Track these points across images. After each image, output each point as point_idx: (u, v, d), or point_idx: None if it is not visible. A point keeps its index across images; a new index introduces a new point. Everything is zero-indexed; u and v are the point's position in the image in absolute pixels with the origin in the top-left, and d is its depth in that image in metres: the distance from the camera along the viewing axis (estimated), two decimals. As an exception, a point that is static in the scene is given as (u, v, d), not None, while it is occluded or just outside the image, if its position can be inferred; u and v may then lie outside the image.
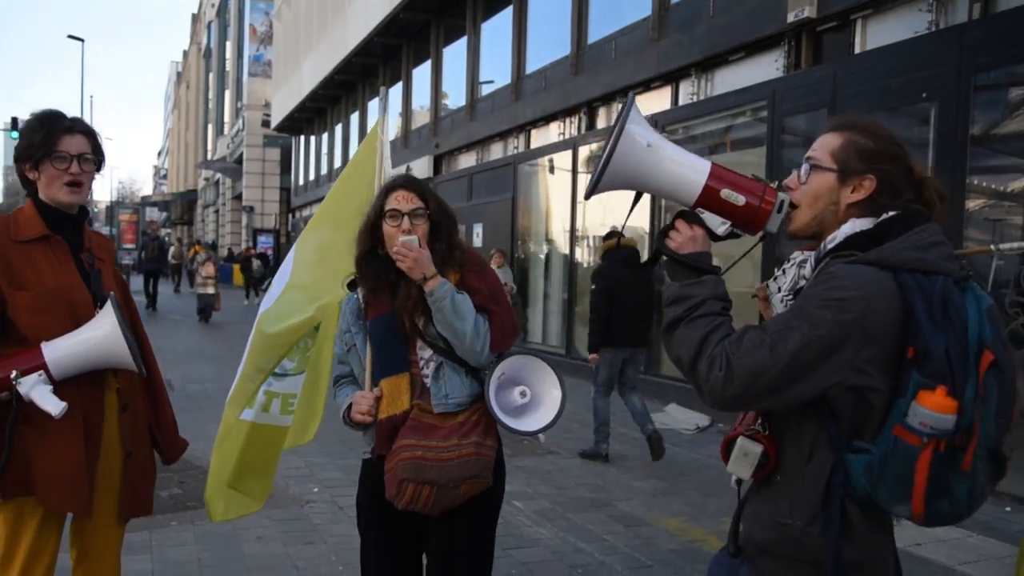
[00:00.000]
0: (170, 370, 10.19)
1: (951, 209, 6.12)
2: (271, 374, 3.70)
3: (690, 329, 1.78)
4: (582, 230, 12.62)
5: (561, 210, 13.38)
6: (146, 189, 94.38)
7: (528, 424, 2.64)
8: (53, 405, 2.37)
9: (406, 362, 2.64)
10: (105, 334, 2.48)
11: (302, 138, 35.60)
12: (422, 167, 18.92)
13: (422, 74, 20.73)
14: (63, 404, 2.37)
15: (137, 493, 2.77)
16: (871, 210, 1.84)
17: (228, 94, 51.58)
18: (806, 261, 1.91)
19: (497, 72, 16.36)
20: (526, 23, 15.21)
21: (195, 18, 69.68)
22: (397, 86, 22.36)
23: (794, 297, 1.87)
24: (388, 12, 19.22)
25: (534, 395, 2.67)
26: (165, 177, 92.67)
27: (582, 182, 12.76)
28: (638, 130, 1.81)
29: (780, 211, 1.81)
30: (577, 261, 12.86)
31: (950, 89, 6.71)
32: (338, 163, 28.50)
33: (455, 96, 18.96)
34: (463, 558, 2.71)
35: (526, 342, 13.88)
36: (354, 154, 3.84)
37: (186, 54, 76.48)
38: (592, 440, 7.39)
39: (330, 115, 30.39)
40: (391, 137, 22.24)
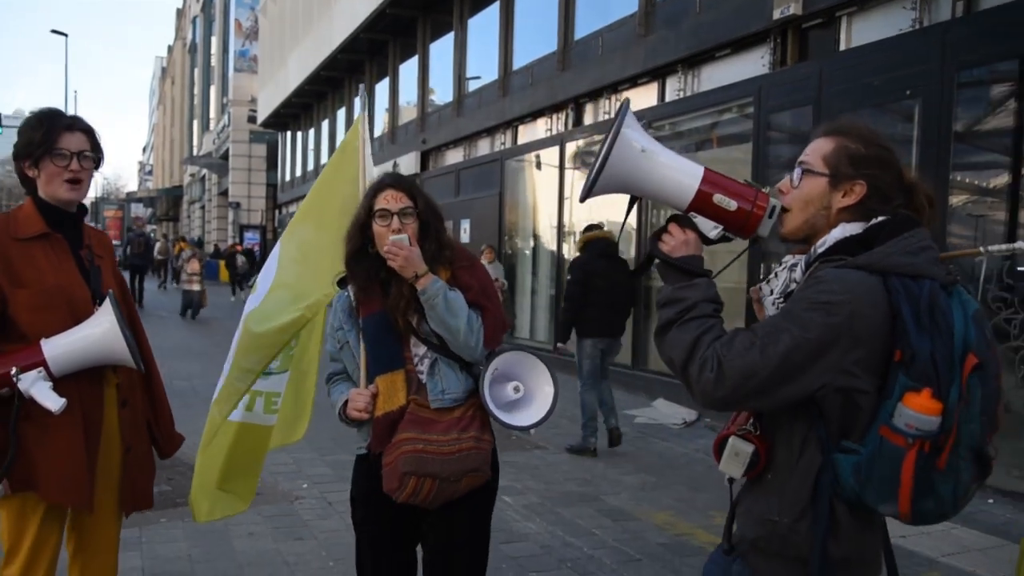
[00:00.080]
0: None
1: (936, 210, 6.11)
2: (260, 374, 3.70)
3: (682, 331, 1.81)
4: (569, 226, 12.65)
5: (548, 206, 13.41)
6: (131, 185, 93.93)
7: (521, 419, 2.67)
8: (53, 401, 2.38)
9: (400, 359, 2.65)
10: (104, 331, 2.49)
11: (288, 134, 35.49)
12: (409, 163, 18.91)
13: (409, 70, 20.70)
14: (63, 400, 2.39)
15: (137, 487, 2.80)
16: (861, 215, 1.86)
17: (214, 89, 51.34)
18: (797, 265, 1.93)
19: (484, 68, 16.36)
20: (513, 19, 15.22)
21: (180, 13, 69.28)
22: (383, 82, 22.34)
23: (785, 300, 1.89)
24: (374, 8, 19.18)
25: (527, 390, 2.70)
26: (150, 173, 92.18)
27: (569, 178, 12.79)
28: (633, 135, 1.83)
29: (771, 216, 1.84)
30: (564, 257, 12.87)
31: (934, 86, 6.77)
32: (324, 159, 28.41)
33: (442, 92, 18.95)
34: (463, 550, 2.73)
35: (513, 337, 13.90)
36: (335, 151, 3.85)
37: (171, 49, 76.03)
38: (579, 435, 7.43)
39: (316, 111, 30.30)
40: (377, 133, 22.31)
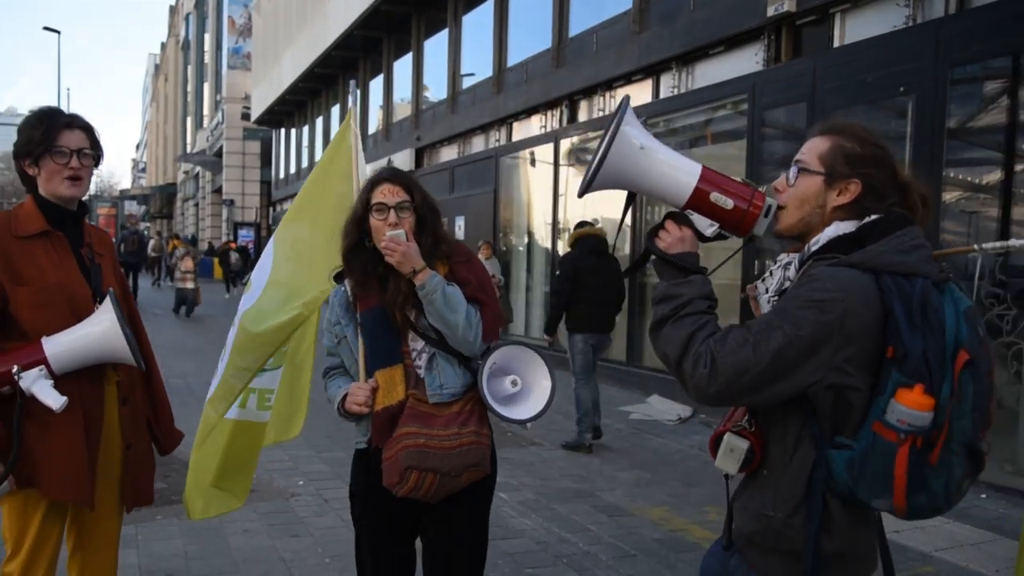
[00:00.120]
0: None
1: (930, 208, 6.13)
2: (257, 373, 3.70)
3: (677, 327, 1.82)
4: (564, 222, 12.67)
5: (543, 203, 13.42)
6: (125, 182, 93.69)
7: (519, 412, 2.68)
8: (54, 399, 2.39)
9: (399, 354, 2.66)
10: (104, 330, 2.50)
11: (282, 131, 35.44)
12: (403, 160, 18.90)
13: (403, 67, 20.68)
14: (64, 398, 2.39)
15: (138, 483, 2.81)
16: (856, 213, 1.88)
17: (207, 87, 51.22)
18: (791, 263, 1.95)
19: (478, 65, 16.36)
20: (507, 16, 15.22)
21: (172, 10, 69.04)
22: (377, 79, 22.32)
23: (779, 298, 1.91)
24: (368, 4, 19.17)
25: (525, 384, 2.71)
26: (144, 170, 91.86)
27: (564, 175, 12.80)
28: (632, 132, 1.85)
29: (767, 216, 1.86)
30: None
31: (927, 83, 6.79)
32: (319, 156, 28.27)
33: (436, 89, 18.94)
34: (463, 544, 2.74)
35: (508, 334, 13.92)
36: (327, 148, 3.86)
37: (164, 46, 75.79)
38: (575, 431, 7.45)
39: (310, 108, 30.26)
40: (372, 130, 22.27)
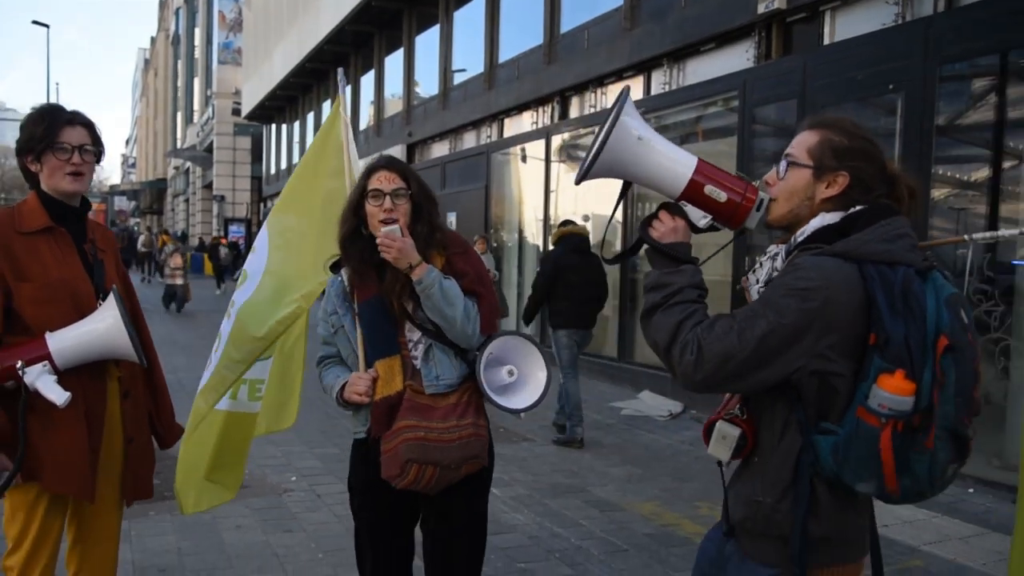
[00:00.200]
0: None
1: (917, 199, 6.18)
2: (250, 365, 3.71)
3: (666, 315, 1.87)
4: (555, 218, 12.67)
5: (534, 199, 13.44)
6: (114, 178, 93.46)
7: (514, 402, 2.70)
8: (57, 395, 2.41)
9: (396, 344, 2.67)
10: (108, 326, 2.52)
11: (273, 127, 35.33)
12: (395, 156, 18.85)
13: (394, 62, 20.65)
14: (67, 394, 2.41)
15: (139, 478, 2.84)
16: (843, 205, 1.92)
17: (197, 82, 51.04)
18: (778, 254, 2.00)
19: (470, 61, 16.35)
20: (499, 12, 15.21)
21: (162, 4, 68.71)
22: (368, 75, 22.27)
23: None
24: (360, 0, 19.13)
25: (521, 375, 2.73)
26: (134, 166, 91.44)
27: (555, 171, 12.82)
28: (631, 122, 1.89)
29: (759, 210, 1.91)
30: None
31: (916, 80, 6.84)
32: (310, 152, 28.30)
33: (428, 85, 18.92)
34: (462, 536, 2.77)
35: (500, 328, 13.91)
36: (316, 135, 3.86)
37: (154, 41, 75.43)
38: (566, 427, 7.47)
39: (301, 103, 30.18)
40: (363, 126, 22.21)
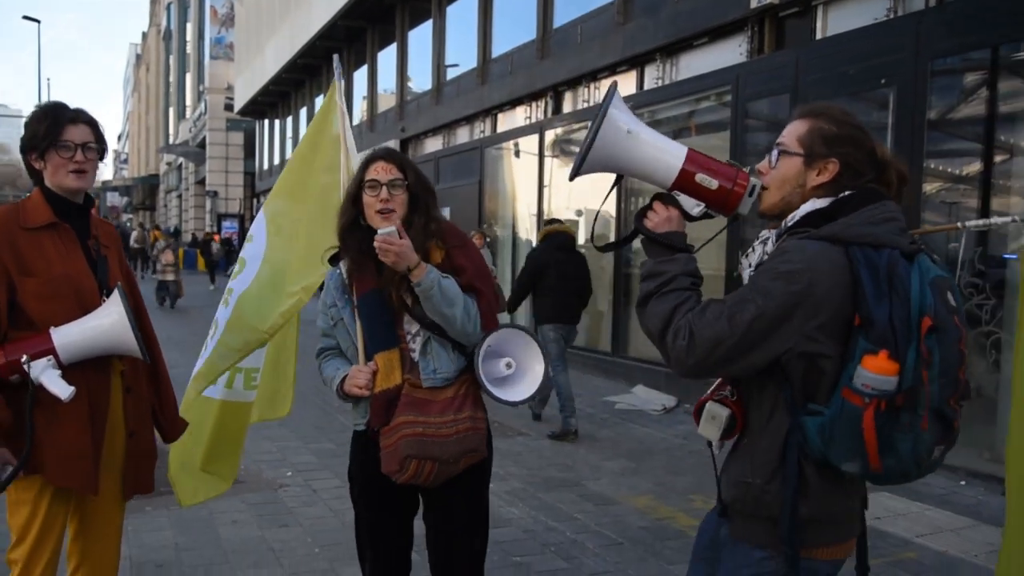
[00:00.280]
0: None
1: (909, 192, 6.23)
2: (248, 355, 3.72)
3: (660, 303, 1.91)
4: (548, 213, 12.68)
5: (528, 194, 13.45)
6: (106, 174, 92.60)
7: (511, 394, 2.72)
8: (62, 389, 2.42)
9: (395, 337, 2.68)
10: (112, 322, 2.54)
11: (266, 122, 35.23)
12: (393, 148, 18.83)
13: (387, 57, 20.61)
14: (71, 388, 2.43)
15: (140, 473, 2.85)
16: (834, 191, 1.96)
17: (189, 77, 50.88)
18: (769, 238, 2.03)
19: (463, 56, 16.33)
20: (492, 6, 15.19)
21: (154, -1, 68.52)
22: (361, 70, 22.23)
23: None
24: (352, -6, 19.10)
25: (518, 367, 2.75)
26: (126, 162, 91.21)
27: (548, 166, 12.83)
28: (620, 117, 1.92)
29: (752, 195, 1.94)
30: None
31: (908, 75, 6.86)
32: (303, 147, 28.22)
33: (421, 80, 18.90)
34: (464, 527, 2.80)
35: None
36: (311, 122, 3.86)
37: (145, 36, 75.13)
38: (559, 420, 7.49)
39: (294, 99, 30.10)
40: (356, 121, 22.18)
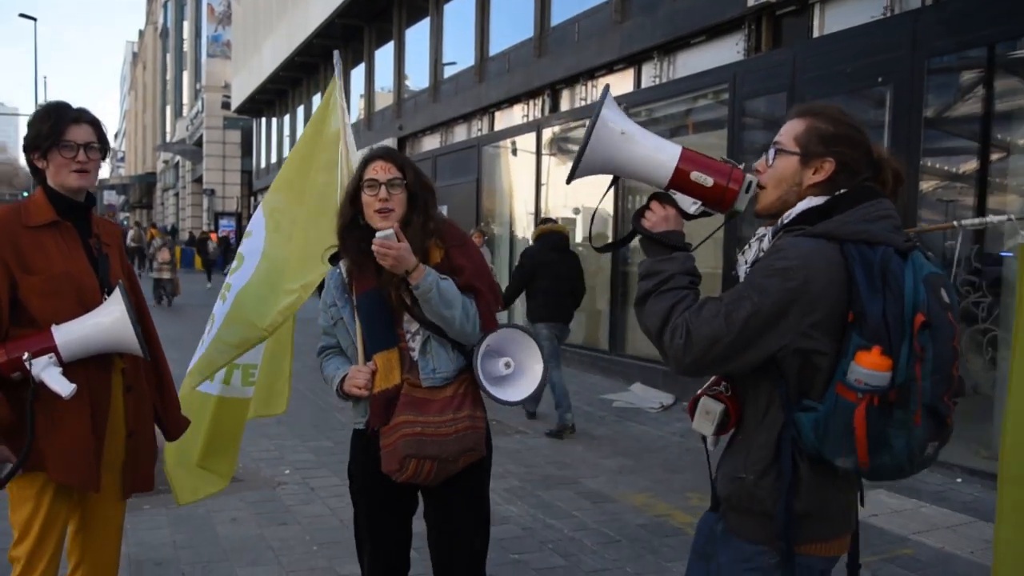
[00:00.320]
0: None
1: (906, 189, 6.27)
2: (246, 351, 3.72)
3: (659, 301, 1.92)
4: (546, 212, 12.69)
5: (525, 192, 13.46)
6: (103, 172, 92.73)
7: (510, 394, 2.72)
8: (63, 387, 2.43)
9: (395, 337, 2.69)
10: (113, 320, 2.55)
11: (263, 120, 35.22)
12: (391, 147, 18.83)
13: (384, 56, 20.61)
14: (72, 386, 2.44)
15: (139, 471, 2.85)
16: (829, 190, 1.96)
17: (186, 75, 50.86)
18: (765, 235, 2.05)
19: (460, 54, 16.34)
20: (489, 4, 15.19)
21: (151, -3, 68.37)
22: (359, 68, 22.22)
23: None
24: (349, -8, 19.10)
25: (517, 367, 2.76)
26: (123, 160, 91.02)
27: (546, 164, 12.84)
28: (613, 118, 1.93)
29: (748, 191, 1.95)
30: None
31: (904, 73, 6.88)
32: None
33: (418, 78, 18.90)
34: (465, 525, 2.81)
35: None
36: (311, 119, 3.87)
37: (142, 34, 75.07)
38: (555, 418, 7.50)
39: (291, 97, 30.08)
40: (353, 119, 22.17)
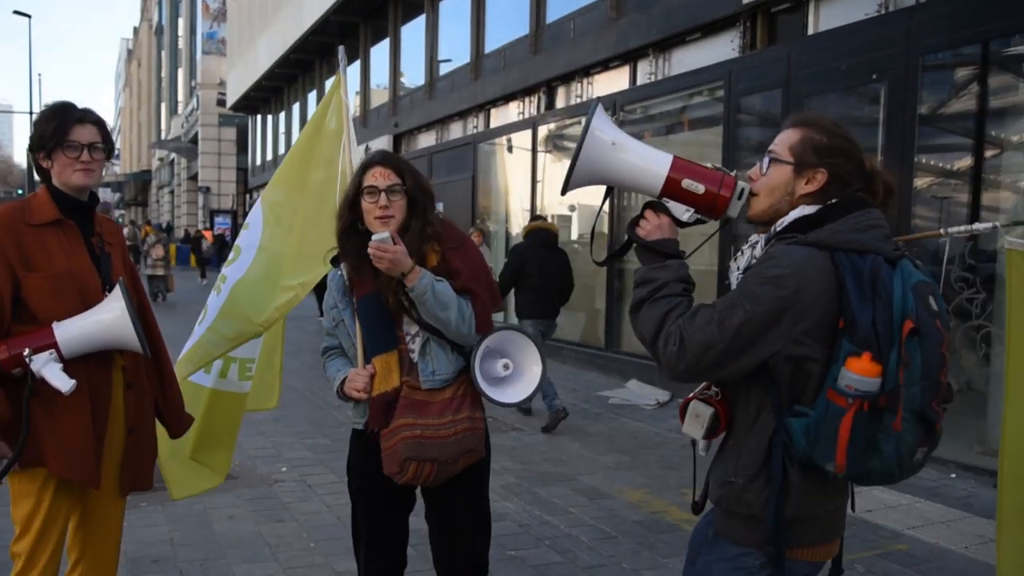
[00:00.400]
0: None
1: (900, 187, 6.32)
2: (240, 345, 3.73)
3: (653, 308, 1.94)
4: (542, 209, 12.71)
5: (521, 189, 13.46)
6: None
7: (508, 396, 2.75)
8: (63, 383, 2.45)
9: (394, 339, 2.72)
10: (114, 317, 2.56)
11: (259, 117, 35.17)
12: (381, 147, 18.82)
13: (380, 53, 20.60)
14: (72, 382, 2.46)
15: (138, 468, 2.86)
16: (821, 200, 1.99)
17: (181, 72, 50.72)
18: (758, 243, 2.07)
19: (456, 51, 16.33)
20: (484, 1, 15.19)
21: (145, -6, 68.18)
22: (354, 65, 22.18)
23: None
24: (345, -11, 19.07)
25: (516, 368, 2.78)
26: (118, 157, 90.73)
27: (541, 161, 12.85)
28: (603, 130, 1.96)
29: (740, 198, 1.98)
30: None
31: (899, 70, 6.89)
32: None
33: (413, 75, 18.88)
34: (465, 525, 2.85)
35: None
36: (314, 113, 3.87)
37: (136, 31, 74.87)
38: (547, 414, 7.52)
39: (287, 94, 30.05)
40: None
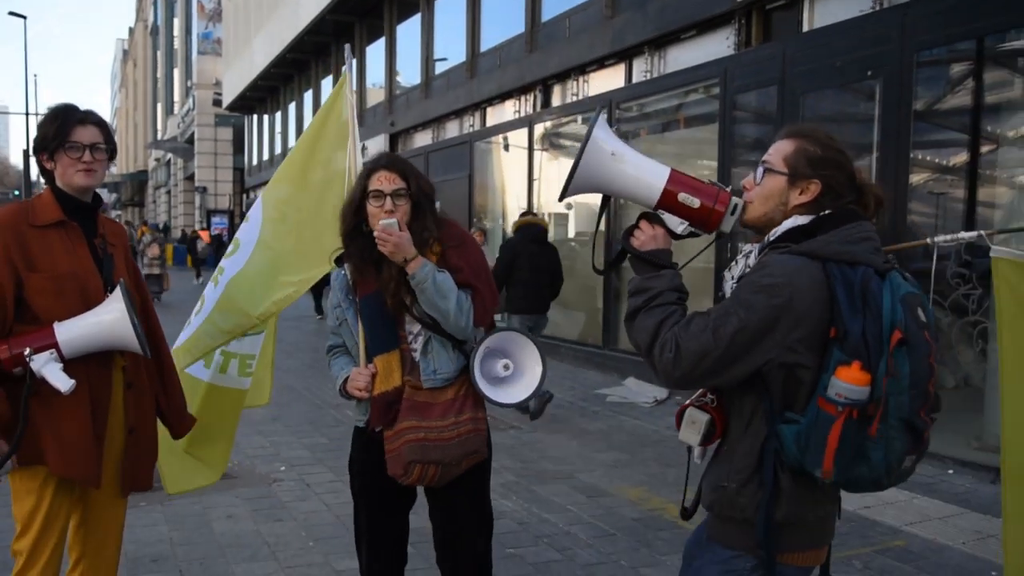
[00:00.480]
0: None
1: (895, 183, 6.34)
2: (235, 338, 3.73)
3: (648, 317, 1.98)
4: (538, 207, 12.72)
5: (517, 187, 13.47)
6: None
7: (508, 396, 2.77)
8: (63, 382, 2.47)
9: (396, 339, 2.76)
10: (114, 318, 2.57)
11: (255, 117, 35.15)
12: (377, 146, 18.84)
13: (376, 52, 20.59)
14: (72, 381, 2.47)
15: (138, 469, 2.87)
16: (814, 210, 2.02)
17: (177, 72, 50.67)
18: (752, 252, 2.10)
19: (452, 50, 16.33)
20: (480, 0, 15.19)
21: (140, -6, 68.08)
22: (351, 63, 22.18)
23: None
24: (340, -12, 19.06)
25: (516, 368, 2.80)
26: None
27: (538, 159, 12.86)
28: (604, 140, 1.99)
29: (733, 213, 2.01)
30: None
31: (894, 66, 6.89)
32: (292, 142, 28.16)
33: (410, 74, 18.88)
34: (469, 524, 2.88)
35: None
36: (319, 111, 3.88)
37: (132, 31, 74.79)
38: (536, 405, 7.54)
39: (283, 94, 30.03)
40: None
